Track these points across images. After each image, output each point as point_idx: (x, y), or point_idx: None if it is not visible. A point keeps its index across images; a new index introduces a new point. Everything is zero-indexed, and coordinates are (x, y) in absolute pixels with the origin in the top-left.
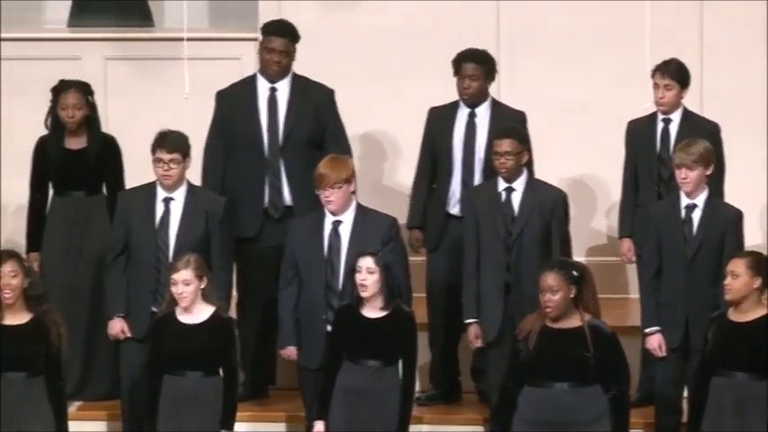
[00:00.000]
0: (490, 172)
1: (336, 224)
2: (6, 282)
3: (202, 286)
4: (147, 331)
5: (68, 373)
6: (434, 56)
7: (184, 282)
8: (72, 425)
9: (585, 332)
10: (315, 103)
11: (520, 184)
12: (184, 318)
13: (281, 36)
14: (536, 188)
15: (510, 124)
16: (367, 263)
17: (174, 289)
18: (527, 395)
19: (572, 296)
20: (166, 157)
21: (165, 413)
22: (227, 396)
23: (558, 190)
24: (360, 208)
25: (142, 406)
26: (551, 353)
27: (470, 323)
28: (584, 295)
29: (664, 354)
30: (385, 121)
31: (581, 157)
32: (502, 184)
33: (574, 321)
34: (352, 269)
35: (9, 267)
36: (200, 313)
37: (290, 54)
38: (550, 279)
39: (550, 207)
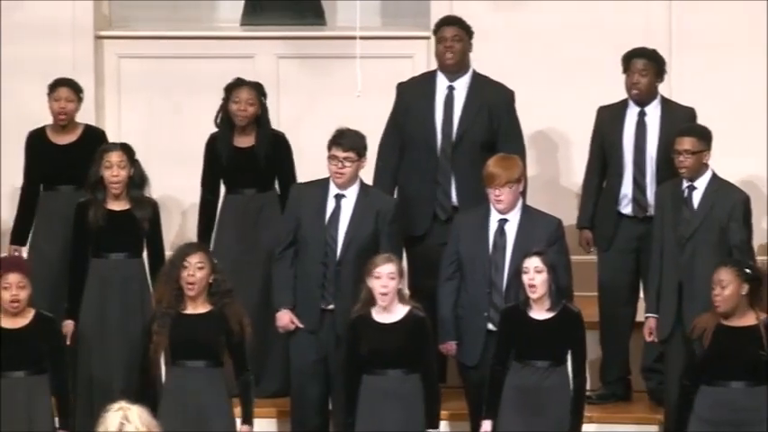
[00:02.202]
0: (663, 171)
1: (503, 222)
2: (192, 273)
3: (400, 286)
4: (317, 326)
5: None
6: (605, 55)
7: (389, 275)
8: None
9: (761, 330)
10: (491, 104)
11: (702, 183)
12: (380, 317)
13: (451, 24)
14: (718, 188)
15: (693, 123)
16: (534, 263)
17: (377, 283)
18: (704, 395)
19: (744, 294)
20: (341, 154)
21: (363, 412)
22: (428, 395)
23: (739, 192)
24: (525, 208)
25: (344, 405)
26: (726, 351)
27: (648, 317)
28: (759, 294)
29: None
30: (555, 120)
31: (752, 156)
32: (685, 182)
33: (749, 319)
34: (517, 271)
35: (197, 259)
36: (396, 312)
37: (462, 41)
38: (722, 274)
39: (729, 208)
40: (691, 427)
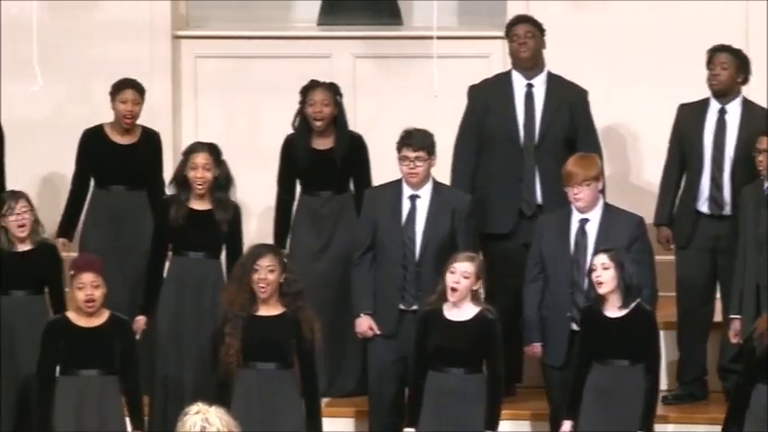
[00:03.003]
0: (738, 171)
1: (583, 222)
2: (263, 276)
3: (475, 287)
4: (394, 330)
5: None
6: (682, 54)
7: (463, 273)
8: None
9: None
10: (569, 103)
11: None
12: (451, 314)
13: (523, 22)
14: None
15: None
16: (601, 259)
17: (450, 278)
18: (759, 393)
19: None
20: (412, 154)
21: (426, 409)
22: (490, 396)
23: None
24: (606, 206)
25: (408, 397)
26: None
27: (733, 319)
28: None
29: None
30: (629, 118)
31: None
32: (766, 183)
33: None
34: (589, 269)
35: (267, 262)
36: (467, 311)
37: (535, 37)
38: None
39: None
40: (746, 426)
